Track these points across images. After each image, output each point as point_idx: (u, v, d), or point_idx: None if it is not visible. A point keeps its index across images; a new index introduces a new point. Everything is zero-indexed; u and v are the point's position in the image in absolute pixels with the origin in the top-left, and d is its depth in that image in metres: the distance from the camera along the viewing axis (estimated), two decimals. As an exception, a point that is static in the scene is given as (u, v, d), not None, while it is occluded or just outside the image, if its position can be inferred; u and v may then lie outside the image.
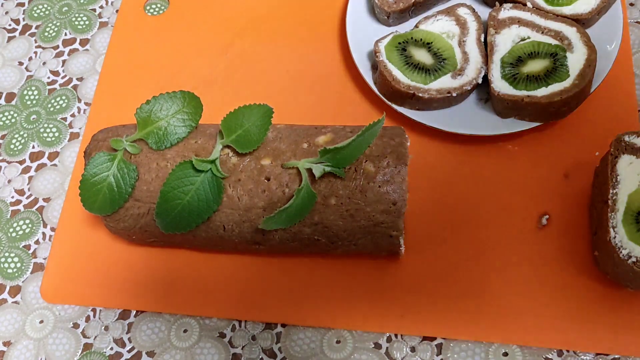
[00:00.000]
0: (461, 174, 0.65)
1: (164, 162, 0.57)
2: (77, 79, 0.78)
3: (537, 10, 0.67)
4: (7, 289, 0.67)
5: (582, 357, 0.58)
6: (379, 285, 0.61)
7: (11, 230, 0.69)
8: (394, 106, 0.66)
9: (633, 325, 0.57)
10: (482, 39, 0.67)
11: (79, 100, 0.77)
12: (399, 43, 0.67)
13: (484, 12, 0.70)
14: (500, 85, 0.63)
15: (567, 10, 0.66)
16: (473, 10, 0.69)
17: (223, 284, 0.62)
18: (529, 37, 0.65)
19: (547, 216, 0.61)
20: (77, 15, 0.83)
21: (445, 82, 0.64)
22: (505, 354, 0.58)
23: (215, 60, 0.75)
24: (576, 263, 0.59)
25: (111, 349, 0.63)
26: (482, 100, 0.66)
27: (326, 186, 0.55)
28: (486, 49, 0.67)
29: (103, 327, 0.64)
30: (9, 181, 0.72)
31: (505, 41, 0.66)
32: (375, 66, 0.67)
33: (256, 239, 0.58)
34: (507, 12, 0.67)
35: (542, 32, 0.65)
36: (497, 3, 0.68)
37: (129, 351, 0.62)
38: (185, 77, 0.74)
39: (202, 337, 0.62)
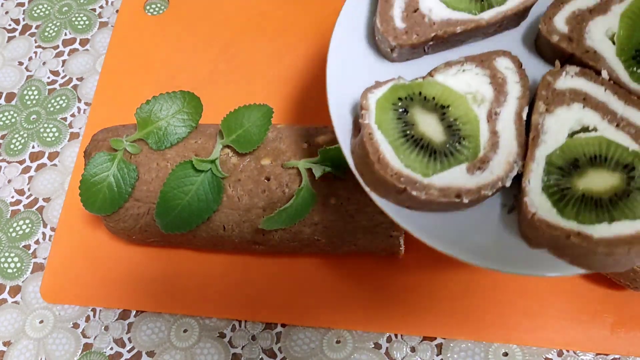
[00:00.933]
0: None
1: (164, 162, 0.57)
2: (77, 79, 0.78)
3: (616, 86, 0.44)
4: (7, 289, 0.66)
5: (582, 357, 0.58)
6: (379, 285, 0.61)
7: (11, 230, 0.69)
8: (373, 195, 0.45)
9: (633, 325, 0.57)
10: (525, 116, 0.45)
11: (79, 100, 0.77)
12: (400, 99, 0.45)
13: (536, 70, 0.47)
14: (538, 203, 0.41)
15: None
16: (519, 66, 0.47)
17: (223, 284, 0.62)
18: (595, 129, 0.43)
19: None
20: (77, 15, 0.83)
21: (455, 177, 0.43)
22: (505, 354, 0.58)
23: (215, 60, 0.75)
24: (576, 263, 0.59)
25: (111, 349, 0.63)
26: (505, 207, 0.45)
27: (326, 186, 0.55)
28: (527, 132, 0.44)
29: (103, 327, 0.64)
30: (9, 181, 0.72)
31: (559, 127, 0.44)
32: (357, 127, 0.45)
33: (256, 239, 0.58)
34: (570, 80, 0.45)
35: (618, 125, 0.43)
36: (557, 62, 0.46)
37: (129, 351, 0.62)
38: (185, 77, 0.74)
39: (202, 337, 0.62)
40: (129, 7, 0.80)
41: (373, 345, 0.60)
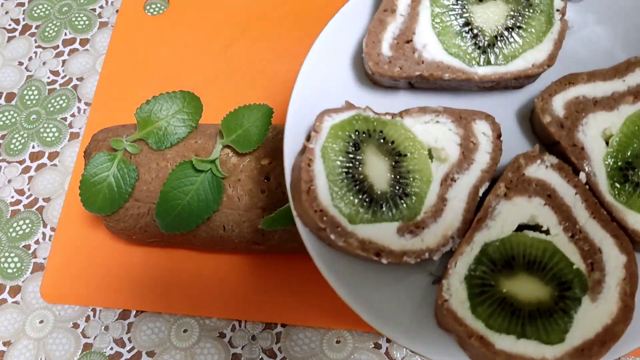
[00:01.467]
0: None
1: (164, 162, 0.57)
2: (77, 79, 0.78)
3: (589, 193, 0.40)
4: (7, 289, 0.66)
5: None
6: (379, 285, 0.61)
7: (11, 230, 0.69)
8: (297, 221, 0.42)
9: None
10: (482, 192, 0.41)
11: (79, 100, 0.77)
12: (357, 132, 0.41)
13: (516, 146, 0.44)
14: (454, 291, 0.38)
15: (633, 219, 0.39)
16: (497, 136, 0.43)
17: (223, 284, 0.62)
18: (547, 231, 0.39)
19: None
20: (77, 15, 0.83)
21: (382, 234, 0.40)
22: (505, 354, 0.58)
23: (215, 60, 0.75)
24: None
25: (111, 349, 0.63)
26: (431, 276, 0.42)
27: (326, 186, 0.54)
28: (476, 209, 0.41)
29: (103, 327, 0.64)
30: (9, 181, 0.72)
31: (510, 217, 0.40)
32: (304, 147, 0.41)
33: (256, 239, 0.58)
34: (543, 170, 0.40)
35: (573, 236, 0.39)
36: (537, 145, 0.42)
37: (129, 351, 0.62)
38: (185, 77, 0.74)
39: (202, 337, 0.62)
40: (129, 7, 0.80)
41: (373, 345, 0.60)
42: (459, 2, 0.44)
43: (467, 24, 0.44)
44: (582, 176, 0.40)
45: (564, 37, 0.44)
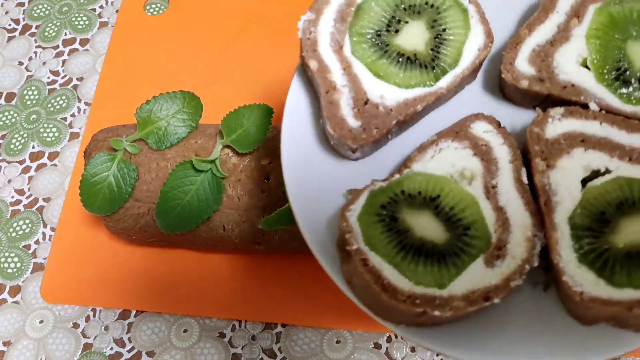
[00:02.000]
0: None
1: (164, 162, 0.57)
2: (77, 79, 0.78)
3: (611, 115, 0.39)
4: (7, 289, 0.66)
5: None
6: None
7: (11, 230, 0.69)
8: (388, 325, 0.38)
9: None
10: (525, 178, 0.39)
11: (79, 100, 0.77)
12: (383, 207, 0.38)
13: (513, 118, 0.43)
14: (581, 279, 0.34)
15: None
16: (498, 125, 0.41)
17: (223, 284, 0.62)
18: (607, 170, 0.37)
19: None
20: (77, 15, 0.83)
21: (476, 276, 0.36)
22: (505, 354, 0.58)
23: (215, 60, 0.75)
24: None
25: (111, 349, 0.63)
26: (538, 285, 0.39)
27: (326, 186, 0.54)
28: (535, 198, 0.39)
29: (103, 327, 0.64)
30: (9, 181, 0.72)
31: (569, 182, 0.37)
32: (344, 250, 0.37)
33: (256, 239, 0.58)
34: (559, 124, 0.39)
35: (630, 159, 0.37)
36: (538, 109, 0.40)
37: (129, 351, 0.62)
38: (185, 77, 0.74)
39: (202, 337, 0.62)
40: (129, 7, 0.80)
41: (373, 345, 0.60)
42: (378, 37, 0.43)
43: (400, 54, 0.43)
44: (593, 105, 0.39)
45: (484, 11, 0.43)
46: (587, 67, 0.41)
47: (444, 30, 0.43)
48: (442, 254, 0.37)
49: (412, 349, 0.60)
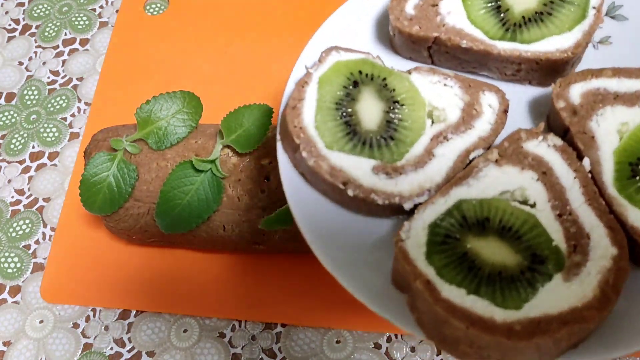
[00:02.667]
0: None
1: (164, 162, 0.57)
2: (77, 79, 0.78)
3: (589, 181, 0.39)
4: (7, 289, 0.66)
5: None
6: (379, 285, 0.61)
7: (11, 230, 0.69)
8: (280, 151, 0.42)
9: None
10: (473, 157, 0.41)
11: (79, 100, 0.77)
12: (360, 73, 0.42)
13: (525, 126, 0.42)
14: (414, 234, 0.37)
15: (637, 216, 0.38)
16: (504, 110, 0.43)
17: (223, 284, 0.62)
18: (534, 205, 0.39)
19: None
20: (77, 15, 0.83)
21: (355, 166, 0.39)
22: (505, 354, 0.58)
23: (215, 60, 0.75)
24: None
25: (111, 349, 0.63)
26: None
27: (326, 186, 0.54)
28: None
29: (103, 327, 0.64)
30: (9, 181, 0.72)
31: (495, 183, 0.39)
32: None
33: (256, 239, 0.58)
34: (544, 148, 0.40)
35: (561, 216, 0.38)
36: (542, 123, 0.42)
37: (129, 351, 0.62)
38: (185, 77, 0.74)
39: (202, 337, 0.62)
40: (129, 7, 0.80)
41: (373, 345, 0.60)
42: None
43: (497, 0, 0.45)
44: (586, 162, 0.39)
45: (594, 31, 0.44)
46: (620, 138, 0.41)
47: (549, 13, 0.44)
48: (355, 132, 0.40)
49: (412, 349, 0.60)
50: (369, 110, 0.41)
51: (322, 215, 0.40)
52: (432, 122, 0.42)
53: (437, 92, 0.42)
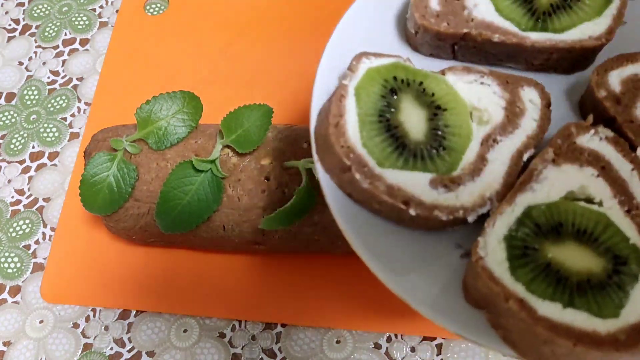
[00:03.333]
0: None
1: (164, 162, 0.57)
2: (77, 79, 0.78)
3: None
4: (7, 289, 0.66)
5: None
6: (379, 285, 0.60)
7: (11, 230, 0.69)
8: (318, 166, 0.39)
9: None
10: (527, 158, 0.39)
11: (79, 100, 0.77)
12: (395, 79, 0.39)
13: (564, 118, 0.41)
14: (491, 249, 0.35)
15: None
16: (547, 105, 0.41)
17: (223, 284, 0.62)
18: (600, 203, 0.37)
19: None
20: (77, 15, 0.83)
21: (413, 182, 0.37)
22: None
23: (215, 60, 0.75)
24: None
25: (111, 349, 0.63)
26: (460, 248, 0.39)
27: (326, 186, 0.54)
28: (519, 175, 0.39)
29: (103, 327, 0.64)
30: (9, 181, 0.72)
31: (558, 183, 0.37)
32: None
33: (256, 239, 0.58)
34: (597, 142, 0.38)
35: (629, 211, 0.36)
36: (591, 115, 0.40)
37: (129, 351, 0.62)
38: (185, 77, 0.74)
39: (202, 337, 0.62)
40: (129, 7, 0.80)
41: (373, 345, 0.60)
42: None
43: None
44: None
45: (623, 15, 0.42)
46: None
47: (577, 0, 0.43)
48: (404, 145, 0.37)
49: (412, 349, 0.60)
50: (413, 120, 0.38)
51: (378, 234, 0.38)
52: (476, 124, 0.40)
53: (475, 92, 0.40)
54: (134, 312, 0.64)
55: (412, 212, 0.36)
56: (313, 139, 0.40)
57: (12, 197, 0.71)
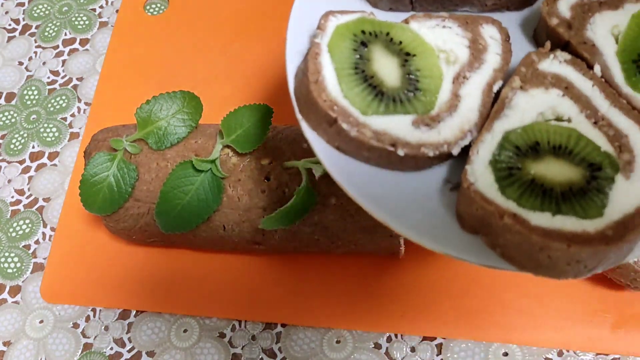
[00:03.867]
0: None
1: (164, 162, 0.57)
2: (77, 78, 0.78)
3: (606, 85, 0.41)
4: (7, 289, 0.66)
5: (582, 357, 0.58)
6: (379, 285, 0.61)
7: (11, 230, 0.69)
8: (303, 125, 0.41)
9: (633, 325, 0.57)
10: (496, 89, 0.42)
11: (79, 100, 0.77)
12: (363, 32, 0.41)
13: (523, 54, 0.43)
14: (480, 174, 0.37)
15: None
16: (506, 39, 0.43)
17: (223, 284, 0.62)
18: (569, 120, 0.40)
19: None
20: (77, 15, 0.83)
21: (397, 125, 0.39)
22: (505, 354, 0.58)
23: (215, 60, 0.75)
24: (576, 263, 0.59)
25: (111, 349, 0.63)
26: (448, 183, 0.41)
27: (326, 186, 0.54)
28: (492, 105, 0.41)
29: (103, 327, 0.64)
30: (9, 181, 0.72)
31: (528, 107, 0.40)
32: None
33: (256, 239, 0.58)
34: (557, 65, 0.41)
35: (596, 123, 0.39)
36: (548, 42, 0.42)
37: (129, 351, 0.62)
38: (185, 77, 0.74)
39: (202, 337, 0.62)
40: (129, 7, 0.80)
41: (373, 345, 0.60)
42: None
43: None
44: (597, 69, 0.41)
45: None
46: (616, 39, 0.42)
47: None
48: (382, 92, 0.40)
49: (412, 349, 0.60)
50: (386, 68, 0.41)
51: (374, 180, 0.40)
52: (444, 65, 0.42)
53: (439, 35, 0.42)
54: (134, 312, 0.64)
55: (400, 152, 0.38)
56: (294, 99, 0.42)
57: (12, 197, 0.71)
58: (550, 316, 0.58)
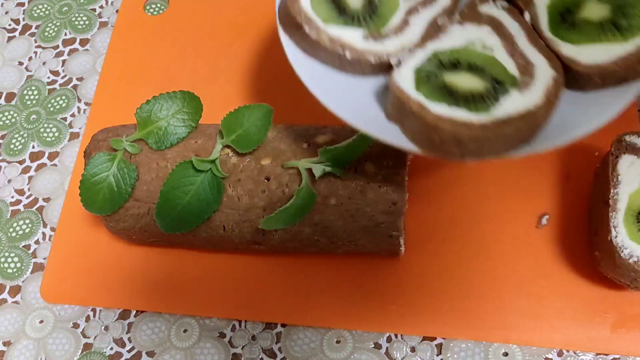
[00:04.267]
0: (461, 174, 0.65)
1: (164, 162, 0.57)
2: (77, 79, 0.78)
3: (531, 30, 0.49)
4: (7, 289, 0.67)
5: (582, 357, 0.58)
6: (379, 285, 0.61)
7: (11, 230, 0.69)
8: (280, 31, 0.51)
9: (633, 325, 0.57)
10: (440, 23, 0.50)
11: (79, 100, 0.77)
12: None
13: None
14: (404, 77, 0.46)
15: (567, 49, 0.48)
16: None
17: (223, 284, 0.62)
18: (491, 49, 0.48)
19: (547, 216, 0.61)
20: (77, 15, 0.83)
21: (349, 36, 0.49)
22: (505, 354, 0.58)
23: (215, 60, 0.75)
24: (576, 263, 0.59)
25: (111, 349, 0.63)
26: (387, 90, 0.49)
27: (326, 186, 0.55)
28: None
29: (103, 327, 0.64)
30: (9, 181, 0.72)
31: (459, 35, 0.49)
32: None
33: (256, 239, 0.58)
34: (495, 10, 0.50)
35: (513, 55, 0.48)
36: None
37: (129, 351, 0.62)
38: (185, 77, 0.74)
39: (202, 337, 0.62)
40: (129, 7, 0.80)
41: (373, 345, 0.60)
42: None
43: None
44: (527, 16, 0.50)
45: None
46: None
47: None
48: (343, 10, 0.49)
49: (412, 349, 0.60)
50: None
51: (325, 77, 0.50)
52: (404, 0, 0.51)
53: None
54: (134, 312, 0.64)
55: (347, 55, 0.48)
56: (277, 14, 0.51)
57: (12, 197, 0.71)
58: (550, 316, 0.58)
